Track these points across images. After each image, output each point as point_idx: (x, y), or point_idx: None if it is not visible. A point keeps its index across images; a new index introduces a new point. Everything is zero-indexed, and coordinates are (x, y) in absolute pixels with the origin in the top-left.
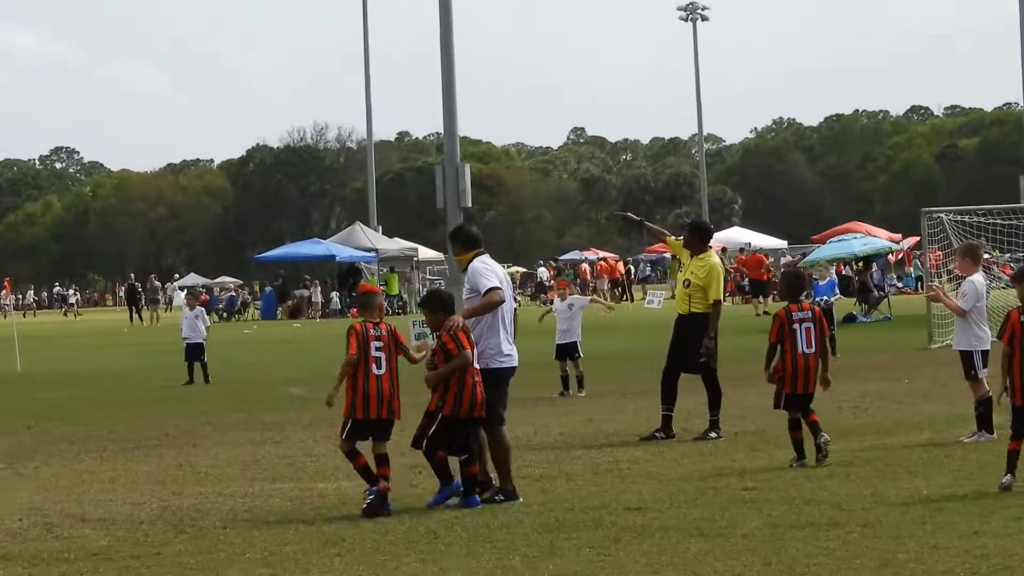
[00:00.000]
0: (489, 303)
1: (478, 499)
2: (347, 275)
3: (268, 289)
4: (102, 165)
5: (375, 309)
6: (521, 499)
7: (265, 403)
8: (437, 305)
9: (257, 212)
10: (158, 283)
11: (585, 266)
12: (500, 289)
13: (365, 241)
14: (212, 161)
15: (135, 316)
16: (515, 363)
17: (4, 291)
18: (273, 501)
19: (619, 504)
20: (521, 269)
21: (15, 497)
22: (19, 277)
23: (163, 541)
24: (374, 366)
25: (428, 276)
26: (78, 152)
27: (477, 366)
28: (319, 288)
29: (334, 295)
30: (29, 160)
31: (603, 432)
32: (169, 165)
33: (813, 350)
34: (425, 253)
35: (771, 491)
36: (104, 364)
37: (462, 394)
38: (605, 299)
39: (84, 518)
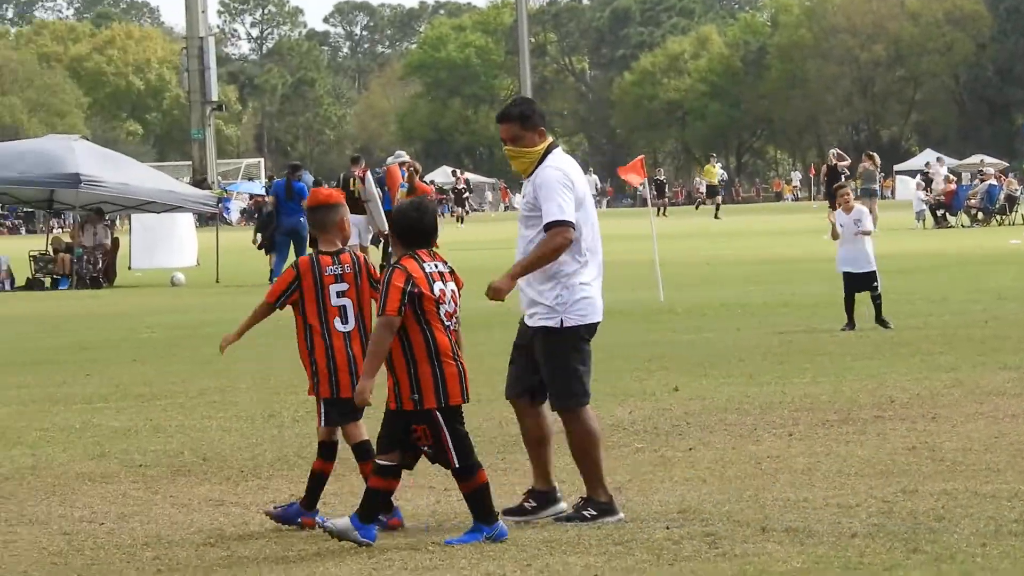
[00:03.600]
0: (553, 249)
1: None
2: None
3: None
4: None
5: (336, 228)
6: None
7: None
8: (405, 227)
9: None
10: (871, 167)
11: None
12: (573, 227)
13: None
14: None
15: None
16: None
17: (637, 174)
18: None
19: None
20: None
21: (656, 490)
22: (656, 154)
23: (883, 562)
24: (337, 320)
25: None
26: None
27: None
28: None
29: None
30: None
31: None
32: None
33: None
34: None
35: None
36: (794, 291)
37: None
38: None
39: (766, 526)
